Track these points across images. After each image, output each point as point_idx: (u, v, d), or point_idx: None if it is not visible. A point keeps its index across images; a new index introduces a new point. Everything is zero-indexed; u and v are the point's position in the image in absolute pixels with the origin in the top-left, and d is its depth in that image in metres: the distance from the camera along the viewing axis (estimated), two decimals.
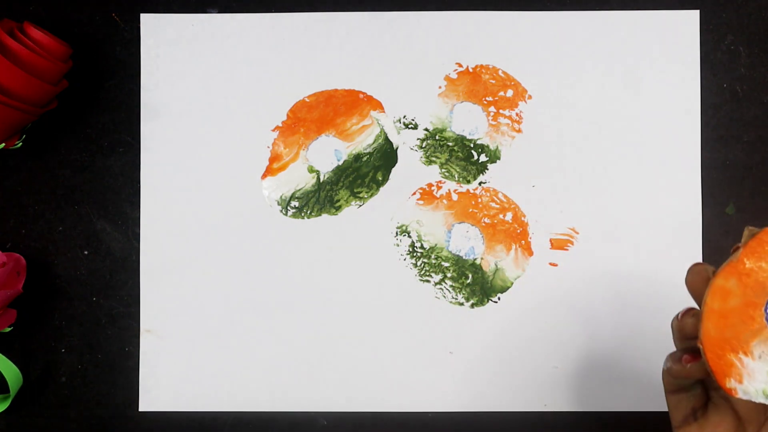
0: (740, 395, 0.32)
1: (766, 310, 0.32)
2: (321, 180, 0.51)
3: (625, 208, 0.51)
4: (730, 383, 0.32)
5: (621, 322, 0.50)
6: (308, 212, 0.51)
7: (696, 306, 0.34)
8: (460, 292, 0.51)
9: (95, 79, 0.51)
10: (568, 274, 0.51)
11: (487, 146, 0.51)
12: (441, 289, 0.51)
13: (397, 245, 0.51)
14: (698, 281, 0.33)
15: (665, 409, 0.50)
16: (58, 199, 0.51)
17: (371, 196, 0.51)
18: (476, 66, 0.51)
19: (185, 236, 0.51)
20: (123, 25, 0.52)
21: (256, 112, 0.51)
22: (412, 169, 0.51)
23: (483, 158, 0.51)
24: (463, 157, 0.51)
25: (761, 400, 0.32)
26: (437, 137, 0.51)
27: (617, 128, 0.51)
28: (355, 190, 0.51)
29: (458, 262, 0.51)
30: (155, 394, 0.51)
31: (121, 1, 0.51)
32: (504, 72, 0.51)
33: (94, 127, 0.51)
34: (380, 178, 0.51)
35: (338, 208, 0.51)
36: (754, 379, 0.32)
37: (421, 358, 0.51)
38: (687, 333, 0.34)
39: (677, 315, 0.35)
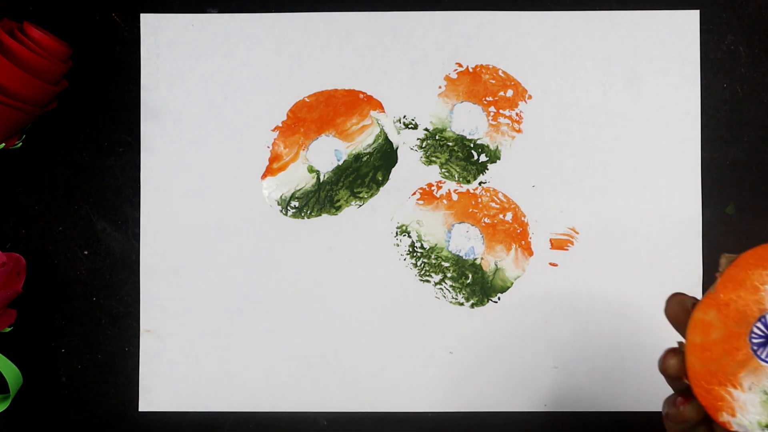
0: (736, 428, 0.31)
1: (750, 340, 0.31)
2: (321, 180, 0.51)
3: (625, 208, 0.51)
4: (723, 417, 0.31)
5: (621, 322, 0.50)
6: (308, 212, 0.51)
7: (680, 337, 0.33)
8: (460, 292, 0.51)
9: (95, 79, 0.51)
10: (568, 274, 0.51)
11: (487, 146, 0.51)
12: (441, 289, 0.51)
13: (397, 245, 0.51)
14: (679, 313, 0.33)
15: None
16: (58, 199, 0.51)
17: (371, 196, 0.51)
18: (476, 66, 0.51)
19: (185, 236, 0.51)
20: (123, 25, 0.52)
21: (256, 112, 0.51)
22: (412, 169, 0.51)
23: (483, 158, 0.51)
24: (463, 157, 0.51)
25: (758, 431, 0.31)
26: (437, 137, 0.51)
27: (617, 128, 0.51)
28: (355, 190, 0.51)
29: (458, 262, 0.51)
30: (155, 394, 0.51)
31: (121, 1, 0.51)
32: (504, 72, 0.51)
33: (94, 127, 0.51)
34: (380, 178, 0.51)
35: (338, 208, 0.51)
36: (747, 411, 0.31)
37: (421, 358, 0.51)
38: (672, 374, 0.33)
39: (660, 358, 0.33)
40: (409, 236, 0.51)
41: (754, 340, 0.31)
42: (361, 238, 0.51)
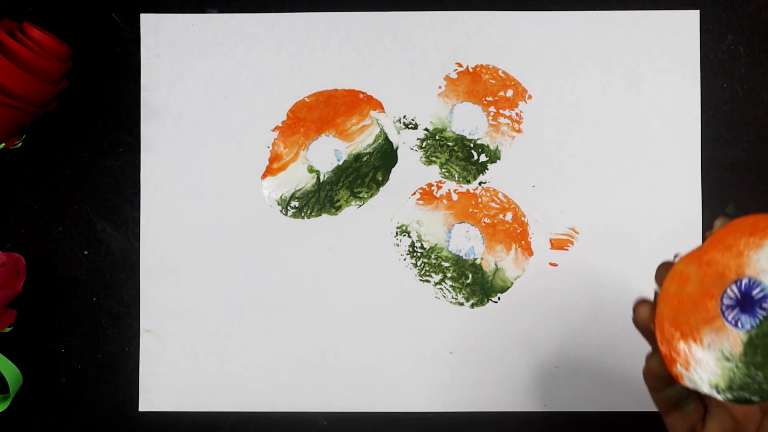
0: (686, 383, 0.31)
1: (721, 300, 0.32)
2: (321, 180, 0.51)
3: (625, 208, 0.51)
4: (677, 369, 0.32)
5: (621, 322, 0.50)
6: (308, 212, 0.51)
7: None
8: (460, 292, 0.51)
9: (95, 79, 0.51)
10: (568, 274, 0.51)
11: (487, 146, 0.51)
12: (441, 289, 0.51)
13: (397, 245, 0.51)
14: (663, 271, 0.33)
15: None
16: (58, 199, 0.51)
17: (371, 196, 0.51)
18: (476, 66, 0.51)
19: (185, 236, 0.51)
20: (123, 25, 0.52)
21: (256, 112, 0.51)
22: (412, 169, 0.51)
23: (483, 158, 0.51)
24: (463, 157, 0.51)
25: (706, 390, 0.31)
26: (437, 137, 0.51)
27: (617, 128, 0.51)
28: (355, 190, 0.51)
29: (458, 262, 0.51)
30: (155, 394, 0.51)
31: (121, 1, 0.51)
32: (504, 72, 0.51)
33: (94, 127, 0.51)
34: (380, 178, 0.51)
35: (338, 208, 0.51)
36: (701, 367, 0.31)
37: (421, 358, 0.51)
38: (641, 322, 0.33)
39: (633, 307, 0.34)
40: (409, 236, 0.51)
41: (725, 302, 0.32)
42: (361, 238, 0.51)
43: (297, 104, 0.51)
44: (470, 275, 0.51)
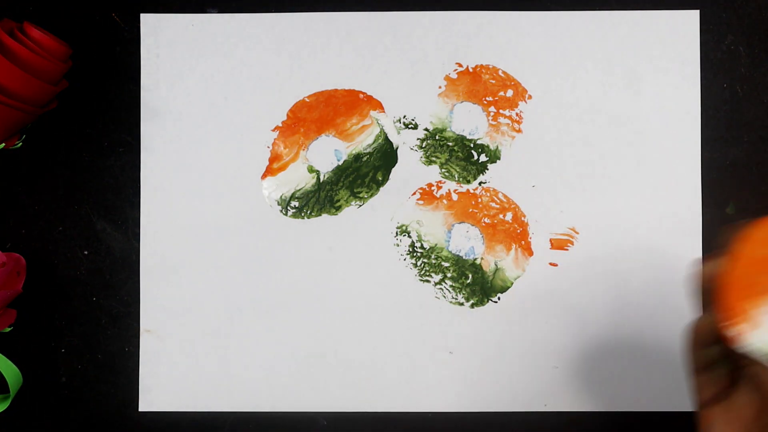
0: (740, 344, 0.31)
1: None
2: (321, 180, 0.51)
3: (625, 208, 0.51)
4: (736, 330, 0.31)
5: (621, 322, 0.50)
6: (308, 212, 0.51)
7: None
8: (460, 292, 0.51)
9: (95, 79, 0.51)
10: (568, 274, 0.51)
11: (487, 146, 0.51)
12: (441, 289, 0.51)
13: (397, 245, 0.51)
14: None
15: (666, 409, 0.50)
16: (58, 199, 0.51)
17: (371, 196, 0.51)
18: (476, 66, 0.51)
19: (185, 236, 0.51)
20: (123, 25, 0.52)
21: (256, 112, 0.51)
22: (412, 169, 0.51)
23: (483, 158, 0.51)
24: (463, 157, 0.51)
25: (759, 354, 0.31)
26: (437, 137, 0.51)
27: (617, 128, 0.51)
28: (355, 190, 0.51)
29: (458, 262, 0.51)
30: (155, 394, 0.51)
31: (121, 1, 0.51)
32: (504, 72, 0.51)
33: (94, 127, 0.51)
34: (380, 178, 0.51)
35: (338, 208, 0.51)
36: (762, 330, 0.31)
37: (421, 358, 0.51)
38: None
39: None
40: (409, 236, 0.51)
41: None
42: (361, 238, 0.51)
43: (297, 104, 0.51)
44: (470, 275, 0.51)
